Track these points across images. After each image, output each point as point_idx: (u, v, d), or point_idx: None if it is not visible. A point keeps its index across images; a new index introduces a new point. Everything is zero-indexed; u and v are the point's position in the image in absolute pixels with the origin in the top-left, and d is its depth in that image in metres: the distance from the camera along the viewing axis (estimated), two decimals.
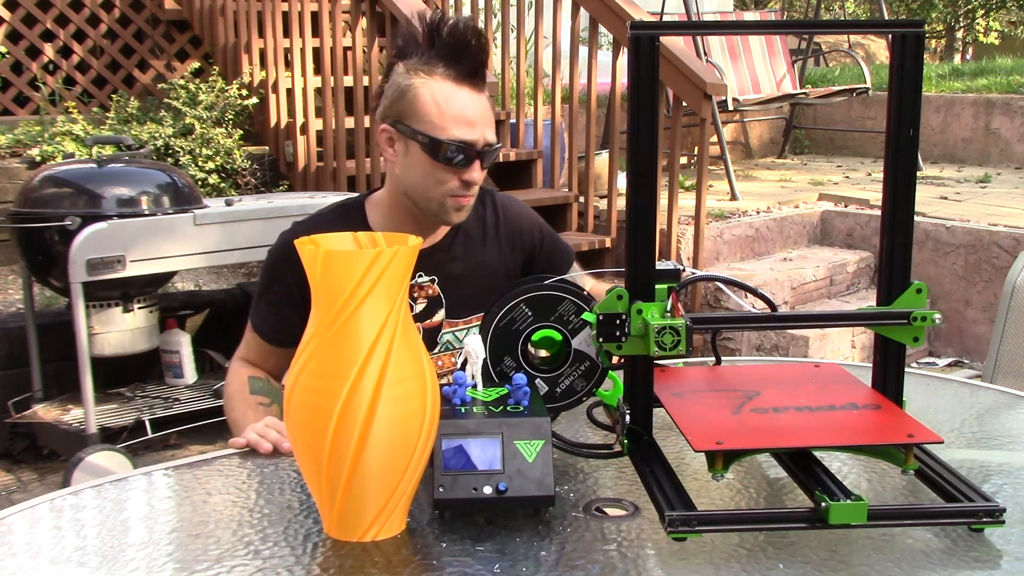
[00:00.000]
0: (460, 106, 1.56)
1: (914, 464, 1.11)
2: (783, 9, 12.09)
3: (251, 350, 1.71)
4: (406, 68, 1.58)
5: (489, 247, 1.74)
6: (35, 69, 5.00)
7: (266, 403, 1.61)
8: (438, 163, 1.57)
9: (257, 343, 1.70)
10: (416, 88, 1.56)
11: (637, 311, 1.14)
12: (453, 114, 1.55)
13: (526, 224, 1.79)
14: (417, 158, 1.58)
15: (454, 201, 1.60)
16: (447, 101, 1.55)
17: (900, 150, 1.14)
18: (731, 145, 6.64)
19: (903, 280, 1.17)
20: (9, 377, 3.30)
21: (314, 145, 4.51)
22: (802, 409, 1.17)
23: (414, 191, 1.61)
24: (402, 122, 1.58)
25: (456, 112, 1.56)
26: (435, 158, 1.56)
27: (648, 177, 1.12)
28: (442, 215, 1.63)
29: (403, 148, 1.60)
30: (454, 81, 1.56)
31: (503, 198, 1.80)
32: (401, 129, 1.59)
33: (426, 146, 1.56)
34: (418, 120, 1.56)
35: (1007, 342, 2.36)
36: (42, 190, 3.01)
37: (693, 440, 1.07)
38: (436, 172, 1.58)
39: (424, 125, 1.56)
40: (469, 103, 1.57)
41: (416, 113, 1.56)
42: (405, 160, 1.60)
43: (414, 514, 1.12)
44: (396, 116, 1.59)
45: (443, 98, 1.55)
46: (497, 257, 1.75)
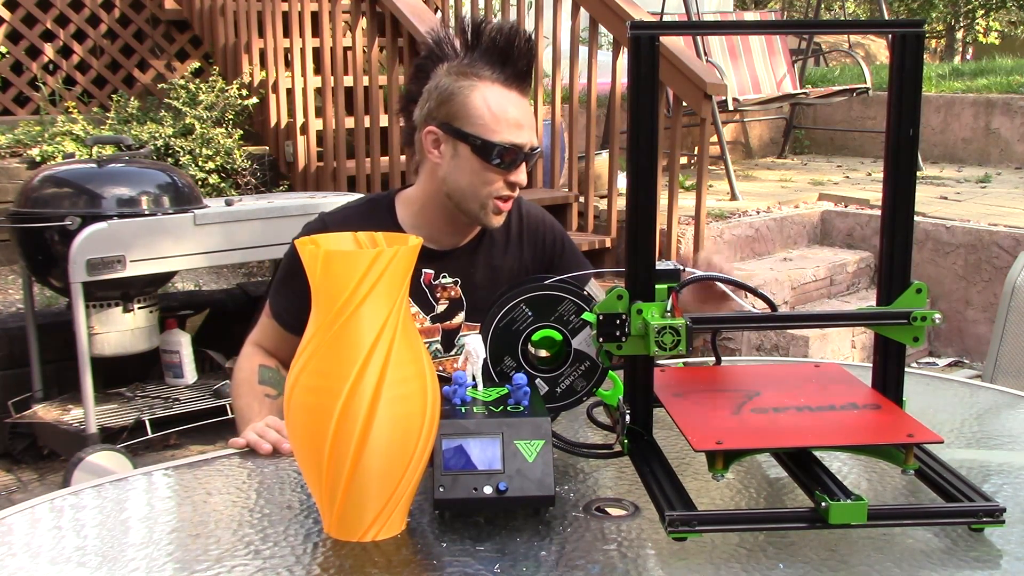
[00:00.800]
0: (510, 109, 1.59)
1: (914, 464, 1.11)
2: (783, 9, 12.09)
3: (266, 335, 1.70)
4: (449, 71, 1.60)
5: (511, 252, 1.76)
6: (35, 69, 4.99)
7: (273, 395, 1.61)
8: (489, 165, 1.59)
9: (274, 329, 1.69)
10: (466, 91, 1.58)
11: (637, 311, 1.14)
12: (505, 117, 1.58)
13: (548, 232, 1.81)
14: (466, 160, 1.60)
15: (496, 204, 1.63)
16: (498, 104, 1.58)
17: (900, 150, 1.15)
18: (731, 145, 6.64)
19: (903, 280, 1.17)
20: (9, 377, 3.30)
21: (314, 145, 4.51)
22: (802, 409, 1.17)
23: (459, 192, 1.63)
24: (451, 124, 1.60)
25: (507, 115, 1.58)
26: (486, 160, 1.59)
27: (648, 177, 1.12)
28: (483, 217, 1.64)
29: (451, 150, 1.61)
30: (503, 85, 1.59)
31: (528, 204, 1.82)
32: (450, 131, 1.60)
33: (478, 148, 1.58)
34: (469, 123, 1.58)
35: (1007, 342, 2.36)
36: (42, 190, 3.01)
37: (693, 440, 1.07)
38: (485, 174, 1.60)
39: (476, 128, 1.58)
40: (517, 106, 1.60)
41: (467, 116, 1.58)
42: (453, 162, 1.61)
43: (414, 514, 1.12)
44: (444, 118, 1.60)
45: (495, 101, 1.58)
46: (519, 262, 1.76)
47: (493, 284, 1.72)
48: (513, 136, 1.58)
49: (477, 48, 1.59)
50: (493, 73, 1.58)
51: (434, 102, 1.61)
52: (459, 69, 1.59)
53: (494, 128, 1.57)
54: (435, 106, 1.61)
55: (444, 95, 1.60)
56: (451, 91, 1.59)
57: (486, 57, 1.59)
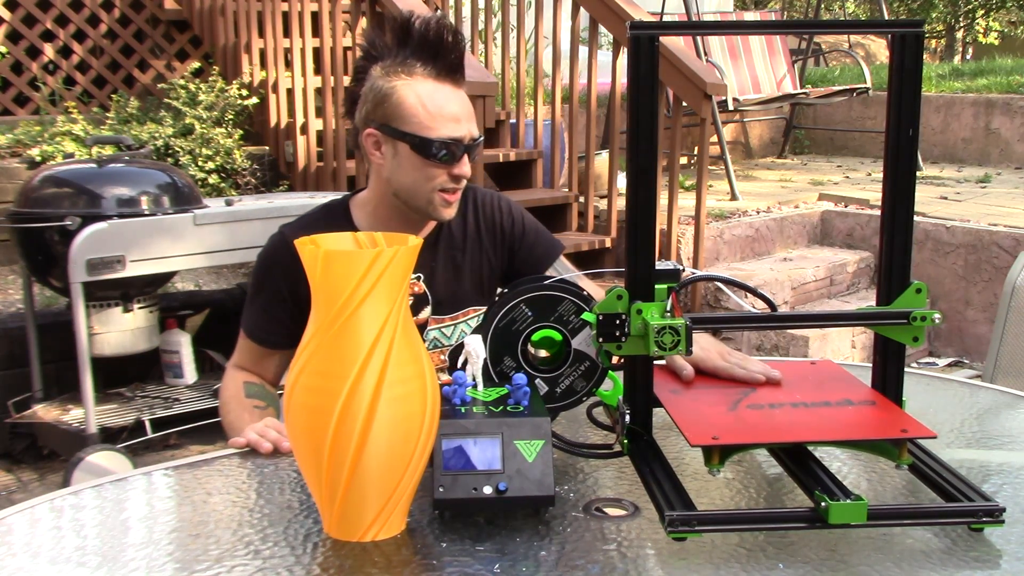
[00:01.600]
0: (444, 104, 1.58)
1: (908, 459, 1.12)
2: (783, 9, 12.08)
3: (244, 356, 1.72)
4: (383, 70, 1.60)
5: (471, 242, 1.75)
6: (35, 69, 4.99)
7: (262, 406, 1.62)
8: (428, 161, 1.59)
9: (250, 347, 1.70)
10: (399, 90, 1.58)
11: (637, 311, 1.14)
12: (439, 112, 1.58)
13: (504, 215, 1.79)
14: (407, 158, 1.60)
15: (443, 197, 1.63)
16: (432, 100, 1.58)
17: (900, 150, 1.15)
18: (731, 145, 6.64)
19: (903, 280, 1.17)
20: (9, 377, 3.30)
21: (314, 145, 4.51)
22: (797, 405, 1.18)
23: (405, 190, 1.63)
24: (388, 124, 1.60)
25: (441, 110, 1.58)
26: (425, 156, 1.59)
27: (648, 177, 1.12)
28: (432, 211, 1.65)
29: (391, 150, 1.62)
30: (435, 79, 1.59)
31: (482, 193, 1.81)
32: (388, 131, 1.60)
33: (416, 146, 1.58)
34: (405, 121, 1.58)
35: (1007, 342, 2.36)
36: (42, 190, 3.01)
37: (690, 435, 1.08)
38: (426, 170, 1.60)
39: (412, 126, 1.58)
40: (452, 99, 1.60)
41: (402, 115, 1.58)
42: (394, 162, 1.62)
43: (414, 514, 1.12)
44: (381, 119, 1.60)
45: (427, 97, 1.58)
46: (479, 252, 1.76)
47: (456, 277, 1.73)
48: (450, 130, 1.58)
49: (408, 45, 1.58)
50: (425, 68, 1.58)
51: (371, 104, 1.61)
52: (391, 68, 1.59)
53: (429, 124, 1.57)
54: (372, 108, 1.61)
55: (379, 96, 1.60)
56: (385, 91, 1.59)
57: (417, 53, 1.58)
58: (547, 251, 1.81)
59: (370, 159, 1.66)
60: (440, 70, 1.59)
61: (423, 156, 1.58)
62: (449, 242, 1.74)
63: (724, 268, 4.42)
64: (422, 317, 1.71)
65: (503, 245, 1.78)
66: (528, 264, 1.77)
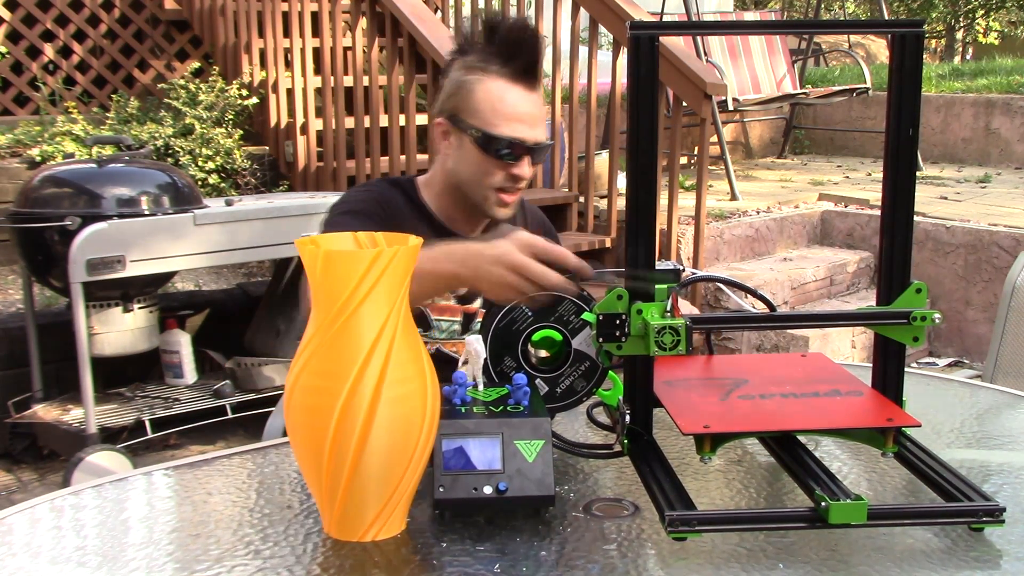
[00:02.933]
0: (512, 103, 1.61)
1: (893, 447, 1.14)
2: (783, 9, 12.08)
3: None
4: (463, 64, 1.64)
5: None
6: (35, 69, 4.99)
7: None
8: (489, 157, 1.62)
9: None
10: (471, 84, 1.62)
11: (637, 311, 1.14)
12: (505, 111, 1.60)
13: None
14: (469, 151, 1.63)
15: (499, 196, 1.65)
16: (500, 98, 1.61)
17: (900, 150, 1.15)
18: (731, 145, 6.64)
19: (903, 280, 1.17)
20: (9, 377, 3.30)
21: (314, 145, 4.51)
22: (787, 395, 1.20)
23: (464, 183, 1.66)
24: (457, 116, 1.63)
25: (508, 109, 1.60)
26: (486, 152, 1.61)
27: (648, 177, 1.12)
28: (487, 208, 1.67)
29: (457, 141, 1.65)
30: (508, 79, 1.61)
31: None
32: (456, 123, 1.64)
33: (478, 140, 1.61)
34: (472, 115, 1.61)
35: (1007, 342, 2.36)
36: (42, 190, 3.01)
37: (682, 424, 1.09)
38: (486, 166, 1.63)
39: (477, 120, 1.61)
40: (521, 101, 1.62)
41: (470, 108, 1.62)
42: (458, 153, 1.65)
43: (414, 514, 1.12)
44: (452, 110, 1.64)
45: (496, 95, 1.61)
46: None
47: None
48: (514, 130, 1.60)
49: (493, 43, 1.62)
50: (500, 67, 1.61)
51: (445, 95, 1.65)
52: (470, 63, 1.63)
53: (494, 122, 1.60)
54: (445, 98, 1.65)
55: (453, 88, 1.64)
56: (459, 84, 1.63)
57: (496, 51, 1.61)
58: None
59: (437, 147, 1.69)
60: (515, 71, 1.61)
61: (484, 151, 1.61)
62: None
63: (724, 268, 4.42)
64: (475, 306, 1.74)
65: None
66: None
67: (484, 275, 1.25)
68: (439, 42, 3.71)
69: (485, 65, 1.62)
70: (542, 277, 1.21)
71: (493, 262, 1.24)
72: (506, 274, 1.23)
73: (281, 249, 3.29)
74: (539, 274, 1.21)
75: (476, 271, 1.26)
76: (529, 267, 1.22)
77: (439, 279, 1.34)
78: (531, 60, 1.62)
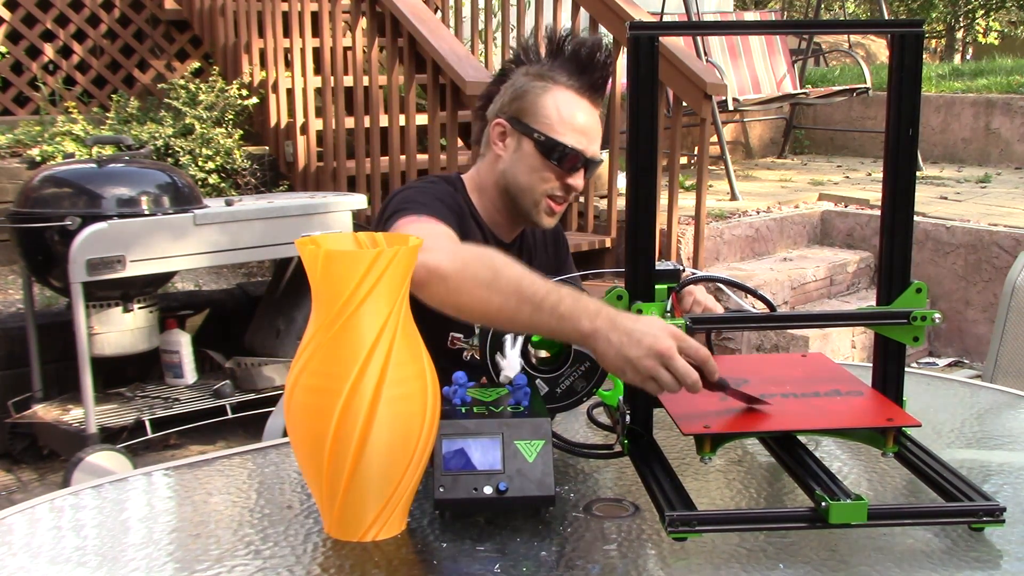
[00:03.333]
0: (578, 115, 1.63)
1: (894, 447, 1.14)
2: (783, 9, 12.08)
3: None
4: (527, 72, 1.65)
5: (539, 252, 1.82)
6: (35, 69, 4.99)
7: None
8: (549, 162, 1.62)
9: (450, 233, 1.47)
10: (539, 91, 1.63)
11: (637, 311, 1.14)
12: (571, 121, 1.62)
13: (562, 239, 1.89)
14: (528, 155, 1.64)
15: (550, 204, 1.66)
16: (567, 107, 1.62)
17: (900, 150, 1.15)
18: (731, 145, 6.63)
19: (903, 280, 1.17)
20: (9, 377, 3.30)
21: (314, 145, 4.51)
22: (787, 396, 1.19)
23: (516, 186, 1.66)
24: (519, 119, 1.64)
25: (574, 120, 1.62)
26: (547, 157, 1.62)
27: (648, 177, 1.12)
28: (535, 216, 1.68)
29: (515, 143, 1.65)
30: (576, 92, 1.63)
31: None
32: (517, 125, 1.64)
33: (541, 144, 1.62)
34: (536, 119, 1.62)
35: (1007, 342, 2.36)
36: (42, 190, 3.01)
37: (682, 425, 1.09)
38: (544, 171, 1.63)
39: (542, 125, 1.62)
40: (586, 114, 1.64)
41: (536, 113, 1.62)
42: (515, 155, 1.65)
43: (414, 514, 1.12)
44: (514, 113, 1.65)
45: (564, 104, 1.62)
46: (546, 262, 1.82)
47: None
48: (576, 140, 1.62)
49: (559, 56, 1.64)
50: (569, 80, 1.63)
51: (507, 97, 1.66)
52: (537, 71, 1.64)
53: (559, 129, 1.61)
54: (508, 101, 1.66)
55: (518, 92, 1.65)
56: (525, 89, 1.64)
57: (565, 65, 1.63)
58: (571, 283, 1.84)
59: (492, 148, 1.69)
60: (583, 85, 1.63)
61: (544, 156, 1.62)
62: (523, 246, 1.79)
63: (724, 268, 4.42)
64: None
65: (556, 258, 1.86)
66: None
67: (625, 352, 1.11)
68: (439, 42, 3.71)
69: (553, 75, 1.63)
70: (685, 376, 1.10)
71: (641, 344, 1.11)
72: (649, 360, 1.10)
73: (281, 249, 3.29)
74: (683, 372, 1.10)
75: (619, 346, 1.11)
76: (675, 361, 1.10)
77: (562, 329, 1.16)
78: (601, 77, 1.64)
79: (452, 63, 3.57)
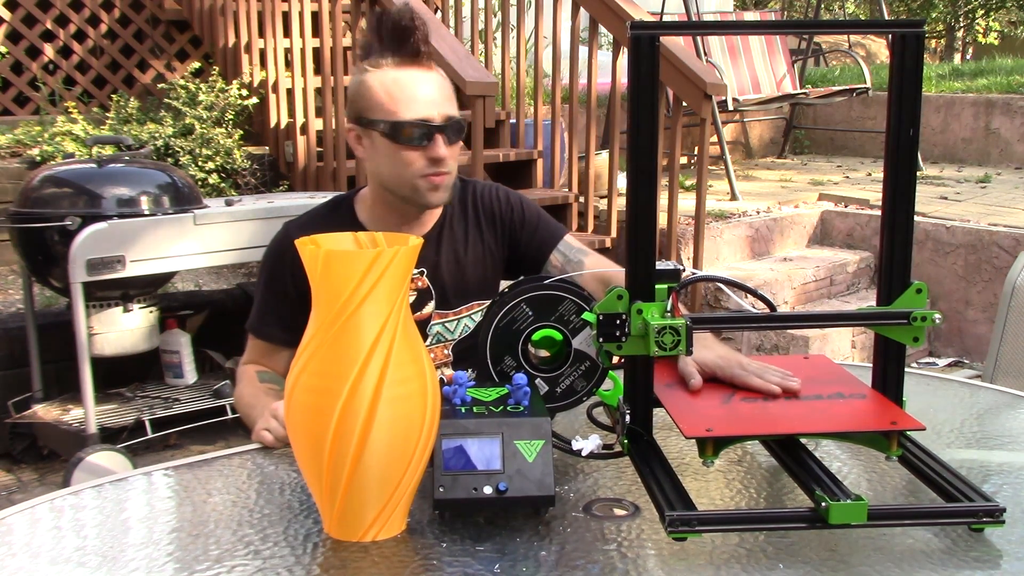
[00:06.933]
0: (409, 86, 1.59)
1: (897, 451, 1.13)
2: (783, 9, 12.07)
3: (254, 354, 1.73)
4: (356, 68, 1.64)
5: (472, 236, 1.76)
6: (35, 69, 4.99)
7: (277, 388, 1.63)
8: (400, 146, 1.60)
9: (258, 345, 1.71)
10: (367, 81, 1.61)
11: (637, 311, 1.14)
12: (404, 96, 1.59)
13: (501, 204, 1.79)
14: (382, 147, 1.62)
15: (426, 181, 1.62)
16: (395, 84, 1.59)
17: (900, 150, 1.14)
18: (731, 145, 6.64)
19: (903, 280, 1.17)
20: (9, 377, 3.30)
21: (314, 145, 4.51)
22: (790, 398, 1.19)
23: (388, 180, 1.64)
24: (362, 116, 1.62)
25: (406, 93, 1.59)
26: (396, 141, 1.59)
27: (648, 177, 1.12)
28: (419, 198, 1.65)
29: (369, 142, 1.64)
30: (397, 65, 1.60)
31: (481, 185, 1.81)
32: (362, 123, 1.63)
33: (386, 132, 1.60)
34: (373, 110, 1.60)
35: (1007, 342, 2.36)
36: (42, 190, 3.01)
37: (684, 428, 1.09)
38: (401, 155, 1.60)
39: (380, 113, 1.60)
40: (418, 82, 1.60)
41: (370, 104, 1.60)
42: (373, 152, 1.64)
43: (414, 514, 1.12)
44: (357, 113, 1.63)
45: (391, 82, 1.59)
46: (481, 244, 1.76)
47: (459, 271, 1.73)
48: (417, 112, 1.58)
49: (383, 40, 1.61)
50: (388, 58, 1.60)
51: (349, 101, 1.65)
52: (362, 65, 1.62)
53: (394, 109, 1.58)
54: (349, 104, 1.65)
55: (353, 92, 1.64)
56: (355, 86, 1.63)
57: (387, 45, 1.60)
58: (551, 235, 1.79)
59: (356, 154, 1.68)
60: (403, 56, 1.59)
61: (394, 141, 1.59)
62: (451, 236, 1.74)
63: (724, 268, 4.42)
64: (426, 312, 1.72)
65: (504, 235, 1.78)
66: (532, 250, 1.77)
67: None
68: (439, 42, 3.71)
69: (375, 61, 1.61)
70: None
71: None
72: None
73: None
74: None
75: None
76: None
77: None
78: (416, 41, 1.59)
79: (452, 63, 3.57)
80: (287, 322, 1.64)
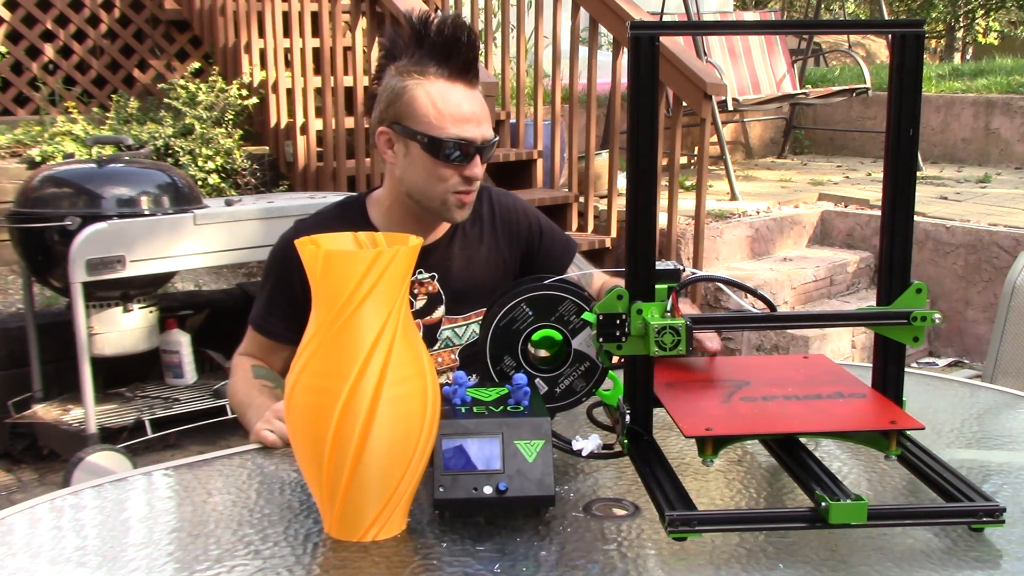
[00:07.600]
0: (456, 104, 1.58)
1: (897, 450, 1.13)
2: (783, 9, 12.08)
3: (252, 347, 1.72)
4: (398, 70, 1.60)
5: (486, 243, 1.75)
6: (35, 69, 4.99)
7: (271, 386, 1.63)
8: (439, 161, 1.58)
9: (258, 340, 1.71)
10: (411, 89, 1.58)
11: (637, 311, 1.14)
12: (450, 112, 1.57)
13: (521, 217, 1.80)
14: (418, 158, 1.60)
15: (457, 198, 1.62)
16: (443, 100, 1.57)
17: (900, 150, 1.14)
18: (731, 145, 6.64)
19: (903, 280, 1.17)
20: (9, 377, 3.30)
21: (314, 145, 4.51)
22: (790, 397, 1.19)
23: (417, 190, 1.63)
24: (400, 123, 1.59)
25: (453, 110, 1.57)
26: (436, 156, 1.58)
27: (648, 177, 1.12)
28: (445, 213, 1.64)
29: (403, 149, 1.61)
30: (448, 79, 1.58)
31: (498, 193, 1.81)
32: (400, 130, 1.60)
33: (426, 145, 1.58)
34: (416, 121, 1.58)
35: (1007, 342, 2.36)
36: (42, 190, 3.01)
37: (684, 427, 1.09)
38: (438, 170, 1.59)
39: (423, 125, 1.57)
40: (465, 100, 1.59)
41: (414, 114, 1.58)
42: (406, 161, 1.62)
43: (414, 514, 1.12)
44: (394, 118, 1.60)
45: (439, 97, 1.57)
46: (495, 252, 1.76)
47: (470, 277, 1.73)
48: (461, 130, 1.57)
49: (423, 44, 1.58)
50: (438, 69, 1.58)
51: (384, 103, 1.61)
52: (406, 68, 1.59)
53: (440, 124, 1.57)
54: (385, 107, 1.61)
55: (392, 95, 1.60)
56: (397, 91, 1.59)
57: (431, 53, 1.58)
58: (564, 252, 1.82)
59: (383, 157, 1.66)
60: (453, 70, 1.58)
61: (434, 156, 1.58)
62: (464, 242, 1.74)
63: (724, 268, 4.42)
64: (436, 316, 1.71)
65: (518, 247, 1.78)
66: (546, 267, 1.77)
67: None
68: None
69: (422, 68, 1.58)
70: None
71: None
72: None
73: None
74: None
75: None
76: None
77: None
78: (469, 58, 1.58)
79: None
80: (291, 320, 1.64)
